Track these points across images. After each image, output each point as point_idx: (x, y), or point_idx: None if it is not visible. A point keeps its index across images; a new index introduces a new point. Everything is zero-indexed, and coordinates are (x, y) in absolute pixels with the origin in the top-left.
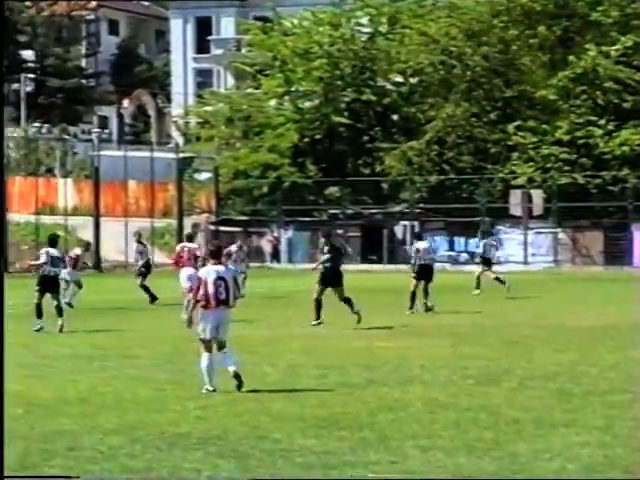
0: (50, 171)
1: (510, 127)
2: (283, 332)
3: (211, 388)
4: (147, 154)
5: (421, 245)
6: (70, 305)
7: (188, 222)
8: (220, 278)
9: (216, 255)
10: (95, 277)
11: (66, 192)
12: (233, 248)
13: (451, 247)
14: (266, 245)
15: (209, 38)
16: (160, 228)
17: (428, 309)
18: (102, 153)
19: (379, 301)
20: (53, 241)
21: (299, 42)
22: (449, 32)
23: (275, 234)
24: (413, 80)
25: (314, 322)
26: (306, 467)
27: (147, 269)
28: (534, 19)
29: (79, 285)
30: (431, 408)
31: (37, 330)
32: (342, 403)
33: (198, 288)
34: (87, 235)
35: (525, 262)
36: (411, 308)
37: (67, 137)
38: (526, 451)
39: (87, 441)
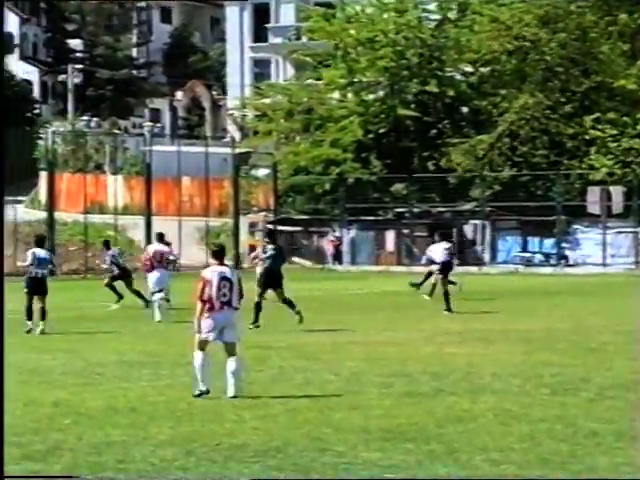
0: (99, 167)
1: (587, 119)
2: (346, 338)
3: (204, 388)
4: (202, 149)
5: (447, 245)
6: (167, 300)
7: (245, 221)
8: (224, 279)
9: (219, 256)
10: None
11: (116, 190)
12: (259, 250)
13: (524, 248)
14: (327, 245)
15: (267, 26)
16: (215, 227)
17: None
18: (154, 148)
19: None
20: (40, 241)
21: (363, 29)
22: (522, 18)
23: (337, 234)
24: (484, 70)
25: (251, 325)
26: None
27: (123, 273)
28: (613, 5)
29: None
30: (503, 419)
31: (27, 332)
32: (408, 413)
33: (203, 288)
34: (138, 235)
35: (604, 264)
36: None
37: (117, 131)
38: (605, 465)
39: (138, 453)
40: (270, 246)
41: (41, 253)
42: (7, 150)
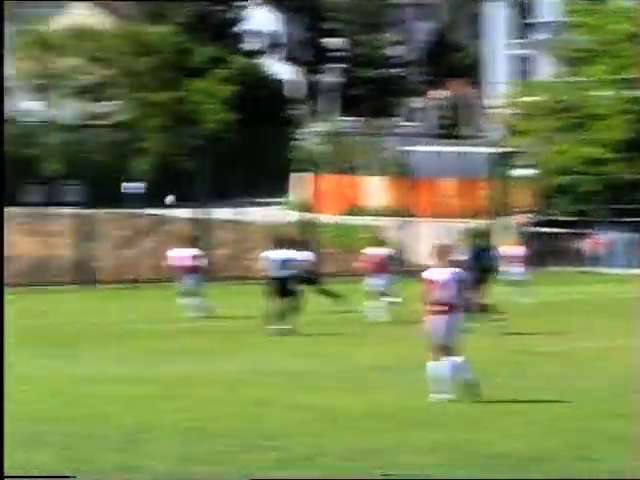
0: (359, 168)
1: None
2: (610, 344)
3: (448, 397)
4: (462, 149)
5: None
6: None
7: (506, 222)
8: (450, 281)
9: (443, 257)
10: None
11: (375, 191)
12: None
13: None
14: (590, 248)
15: (528, 21)
16: (476, 229)
17: None
18: (413, 148)
19: None
20: (280, 243)
21: (629, 24)
22: None
23: (600, 236)
24: None
25: (500, 327)
26: None
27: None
28: None
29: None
30: None
31: (278, 334)
32: None
33: (430, 291)
34: (399, 237)
35: None
36: None
37: (376, 131)
38: None
39: (400, 459)
40: (467, 249)
41: (279, 255)
42: (260, 151)
